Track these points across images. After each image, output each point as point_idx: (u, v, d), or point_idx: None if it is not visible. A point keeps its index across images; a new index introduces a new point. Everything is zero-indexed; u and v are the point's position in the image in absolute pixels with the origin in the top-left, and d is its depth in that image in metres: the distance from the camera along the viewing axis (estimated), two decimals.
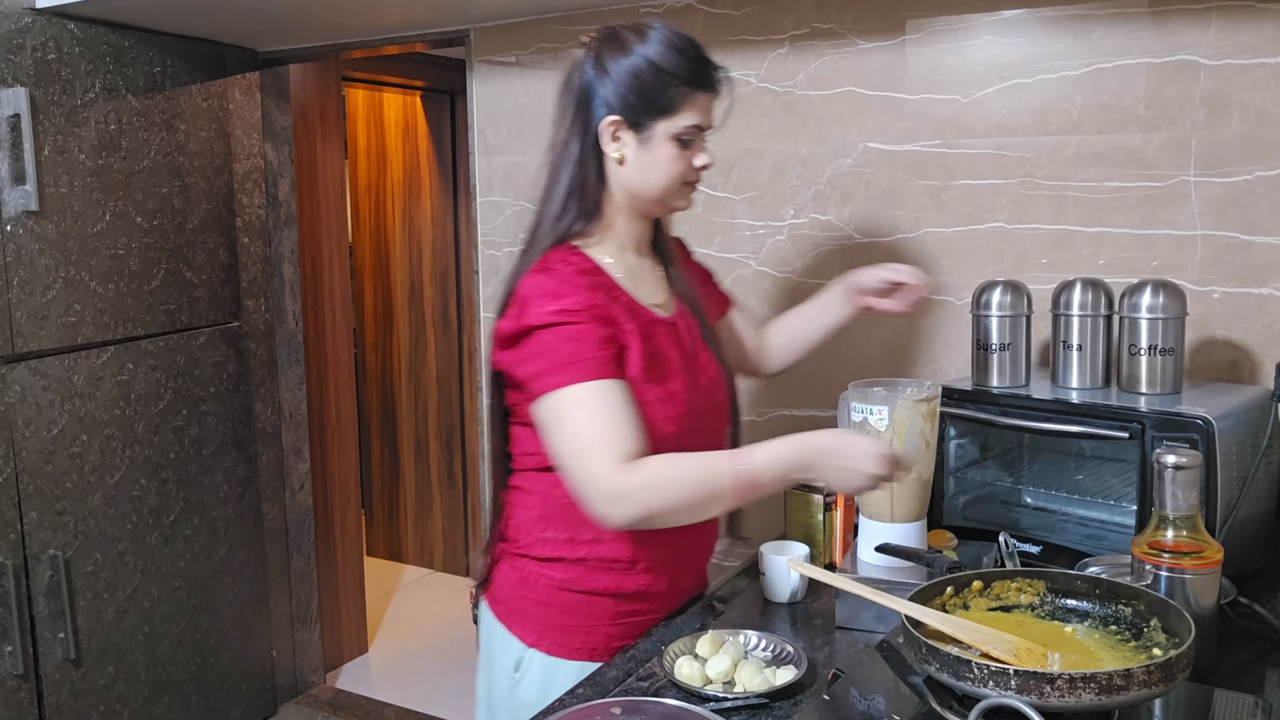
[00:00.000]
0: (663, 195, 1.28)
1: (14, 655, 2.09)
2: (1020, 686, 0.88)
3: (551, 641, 1.30)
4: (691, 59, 1.24)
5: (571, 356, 1.16)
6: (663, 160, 1.25)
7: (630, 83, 1.22)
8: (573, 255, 1.25)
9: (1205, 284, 1.62)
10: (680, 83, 1.23)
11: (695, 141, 1.26)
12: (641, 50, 1.22)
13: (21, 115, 2.05)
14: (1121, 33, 1.65)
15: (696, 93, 1.24)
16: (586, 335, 1.17)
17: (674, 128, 1.24)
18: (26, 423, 2.12)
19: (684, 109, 1.24)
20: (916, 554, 1.30)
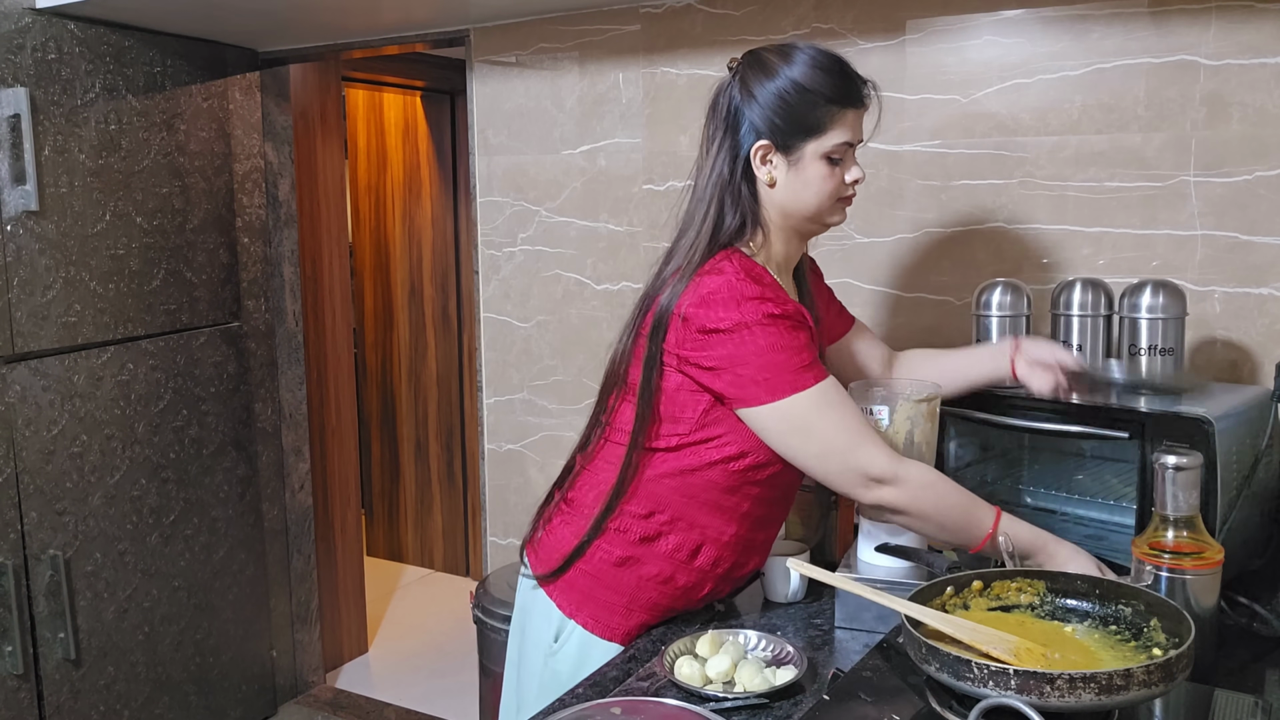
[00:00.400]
0: (816, 213, 1.28)
1: (14, 655, 2.09)
2: (1020, 686, 0.88)
3: (589, 615, 1.31)
4: (836, 76, 1.24)
5: (800, 361, 1.19)
6: (814, 179, 1.25)
7: (776, 105, 1.23)
8: (741, 259, 1.23)
9: (1205, 284, 1.62)
10: (826, 101, 1.23)
11: (846, 158, 1.27)
12: (786, 72, 1.23)
13: (22, 115, 2.05)
14: (1121, 33, 1.65)
15: (844, 110, 1.24)
16: (797, 339, 1.19)
17: (823, 147, 1.24)
18: (27, 423, 2.12)
19: (832, 127, 1.24)
20: (917, 554, 1.30)
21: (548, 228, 2.28)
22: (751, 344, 1.18)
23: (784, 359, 1.18)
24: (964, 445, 1.61)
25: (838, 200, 1.28)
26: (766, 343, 1.18)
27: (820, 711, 1.04)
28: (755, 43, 1.95)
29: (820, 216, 1.29)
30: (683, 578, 1.31)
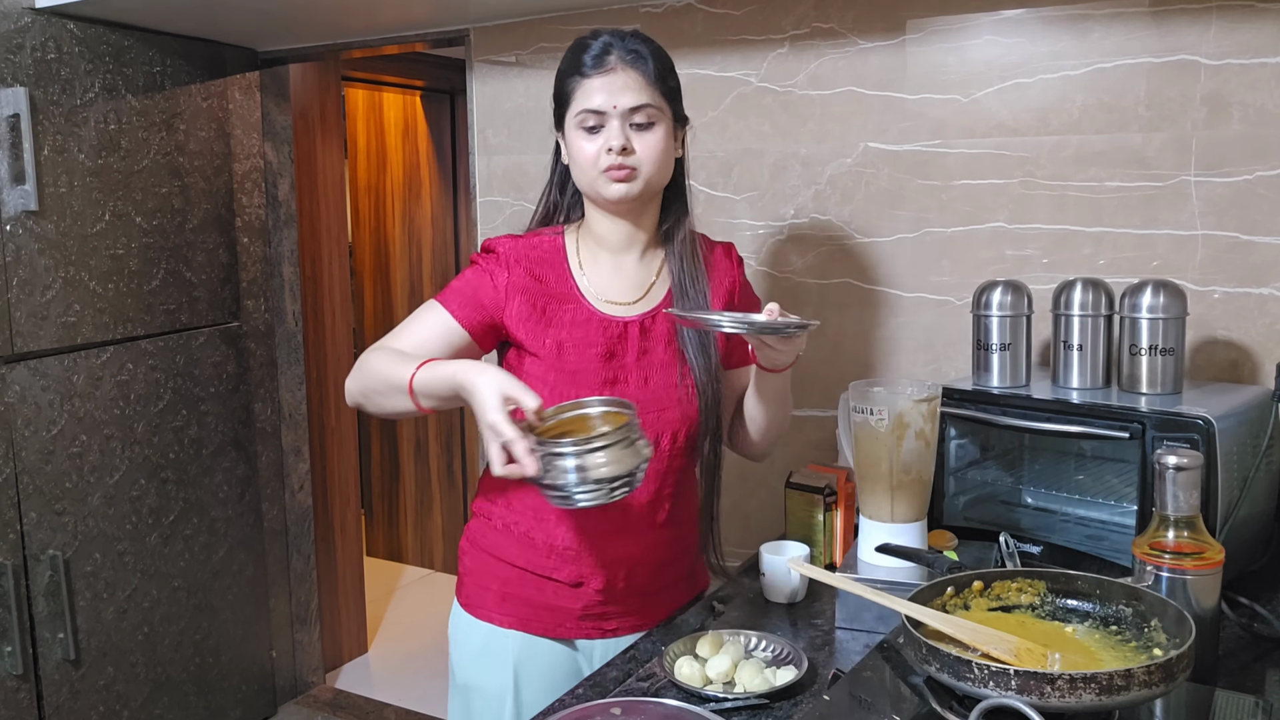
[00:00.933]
0: (588, 185, 1.31)
1: (13, 655, 2.09)
2: (1021, 687, 0.88)
3: (465, 598, 1.43)
4: (574, 50, 1.31)
5: (457, 289, 1.33)
6: (575, 151, 1.31)
7: (554, 96, 1.34)
8: (548, 232, 1.38)
9: (1206, 284, 1.62)
10: (566, 75, 1.31)
11: (605, 128, 1.27)
12: (562, 60, 1.33)
13: (21, 115, 2.04)
14: (1122, 32, 1.65)
15: (580, 79, 1.28)
16: (466, 279, 1.34)
17: (571, 118, 1.30)
18: (26, 423, 2.12)
19: (574, 96, 1.29)
20: (917, 554, 1.29)
21: None
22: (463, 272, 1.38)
23: (458, 283, 1.35)
24: (964, 445, 1.61)
25: (601, 172, 1.28)
26: (468, 271, 1.36)
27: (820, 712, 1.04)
28: (756, 43, 1.96)
29: (593, 189, 1.31)
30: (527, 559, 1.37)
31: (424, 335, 1.31)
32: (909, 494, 1.31)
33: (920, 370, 1.86)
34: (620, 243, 1.37)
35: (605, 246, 1.37)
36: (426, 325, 1.32)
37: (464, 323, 1.31)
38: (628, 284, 1.37)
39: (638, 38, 1.31)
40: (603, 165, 1.27)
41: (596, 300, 1.35)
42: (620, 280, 1.37)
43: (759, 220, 2.00)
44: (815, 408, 1.98)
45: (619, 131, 1.27)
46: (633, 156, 1.27)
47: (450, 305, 1.32)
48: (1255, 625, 1.25)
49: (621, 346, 1.33)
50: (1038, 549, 1.46)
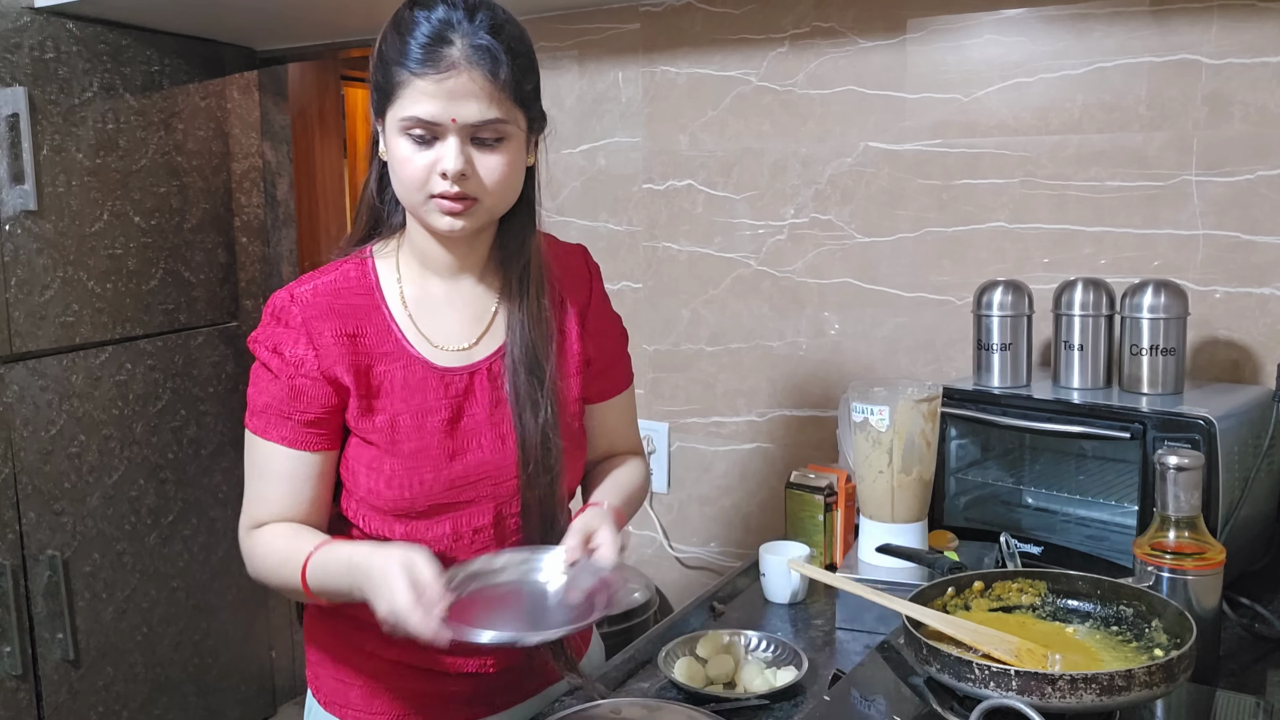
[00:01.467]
0: (411, 205, 1.02)
1: (13, 656, 2.08)
2: (1021, 687, 0.88)
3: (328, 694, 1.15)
4: (402, 24, 0.97)
5: (264, 407, 1.05)
6: (397, 161, 1.00)
7: (373, 64, 1.01)
8: (353, 268, 1.08)
9: (1207, 284, 1.61)
10: (388, 61, 0.98)
11: (440, 142, 0.98)
12: (387, 29, 1.00)
13: (20, 115, 2.04)
14: (1123, 32, 1.64)
15: (410, 77, 0.96)
16: (283, 399, 1.03)
17: (395, 119, 0.98)
18: (25, 423, 2.12)
19: (400, 94, 0.97)
20: (918, 554, 1.29)
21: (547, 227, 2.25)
22: (258, 374, 1.07)
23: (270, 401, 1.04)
24: (964, 445, 1.61)
25: (429, 197, 0.99)
26: (265, 379, 1.05)
27: (821, 712, 1.04)
28: (756, 41, 1.95)
29: (415, 212, 1.03)
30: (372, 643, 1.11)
31: (281, 490, 1.05)
32: (909, 494, 1.31)
33: (921, 370, 1.86)
34: (452, 266, 1.09)
35: (434, 269, 1.09)
36: (290, 473, 1.04)
37: (311, 444, 1.04)
38: (467, 317, 1.10)
39: (486, 17, 0.97)
40: (433, 189, 0.99)
41: (429, 350, 1.07)
42: (455, 315, 1.09)
43: (759, 220, 2.00)
44: (815, 408, 1.98)
45: (456, 153, 0.97)
46: (471, 182, 0.99)
47: (274, 433, 1.04)
48: (1256, 626, 1.25)
49: (469, 403, 1.07)
50: (1038, 549, 1.45)
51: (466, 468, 1.07)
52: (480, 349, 1.10)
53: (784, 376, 2.01)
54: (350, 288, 1.07)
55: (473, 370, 1.08)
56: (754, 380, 2.03)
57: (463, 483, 1.07)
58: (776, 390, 2.01)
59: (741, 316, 2.04)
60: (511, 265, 1.11)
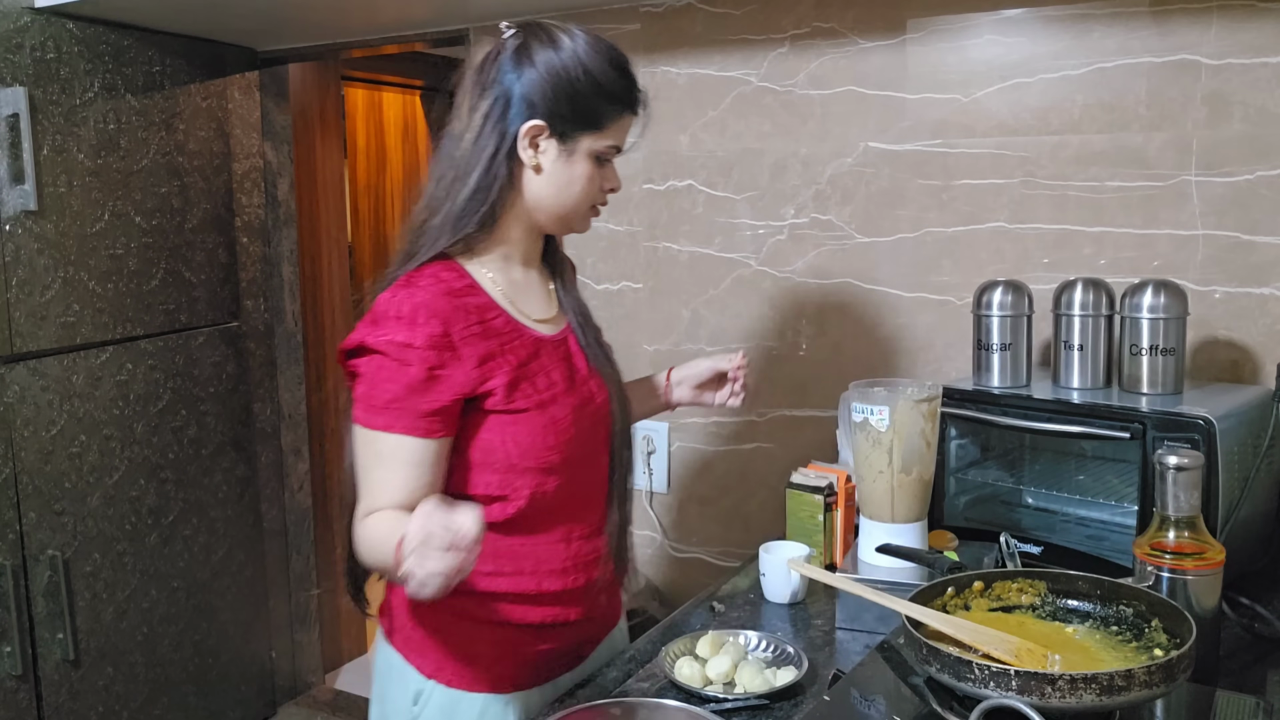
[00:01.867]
0: (570, 213, 1.20)
1: (13, 656, 2.08)
2: (1021, 687, 0.88)
3: (451, 673, 1.20)
4: (625, 76, 1.17)
5: (388, 401, 1.09)
6: (579, 177, 1.17)
7: (562, 88, 1.13)
8: (446, 272, 1.15)
9: (1206, 284, 1.61)
10: (611, 99, 1.16)
11: (609, 164, 1.20)
12: (576, 53, 1.13)
13: (20, 115, 2.04)
14: (1122, 32, 1.64)
15: (624, 113, 1.18)
16: (414, 383, 1.09)
17: (597, 145, 1.17)
18: (25, 423, 2.12)
19: (610, 127, 1.17)
20: (918, 554, 1.29)
21: None
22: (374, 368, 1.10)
23: (393, 392, 1.09)
24: (964, 445, 1.61)
25: (591, 207, 1.22)
26: (385, 372, 1.09)
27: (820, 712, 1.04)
28: (756, 42, 1.96)
29: (571, 219, 1.21)
30: (534, 615, 1.20)
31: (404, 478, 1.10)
32: (909, 494, 1.31)
33: (921, 370, 1.86)
34: (533, 258, 1.27)
35: (518, 261, 1.24)
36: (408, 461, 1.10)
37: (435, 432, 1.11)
38: (543, 296, 1.27)
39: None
40: (597, 200, 1.21)
41: (531, 324, 1.22)
42: (535, 295, 1.26)
43: (759, 220, 2.00)
44: (815, 408, 1.98)
45: (616, 173, 1.22)
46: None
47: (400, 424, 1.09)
48: (1256, 626, 1.25)
49: (573, 363, 1.24)
50: (1038, 549, 1.46)
51: (592, 414, 1.23)
52: (559, 322, 1.27)
53: (784, 376, 2.01)
54: (454, 286, 1.15)
55: (562, 338, 1.25)
56: (754, 380, 2.03)
57: (590, 427, 1.22)
58: (776, 390, 2.01)
59: (741, 316, 2.04)
60: (558, 255, 1.32)
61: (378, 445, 1.11)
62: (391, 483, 1.10)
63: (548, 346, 1.21)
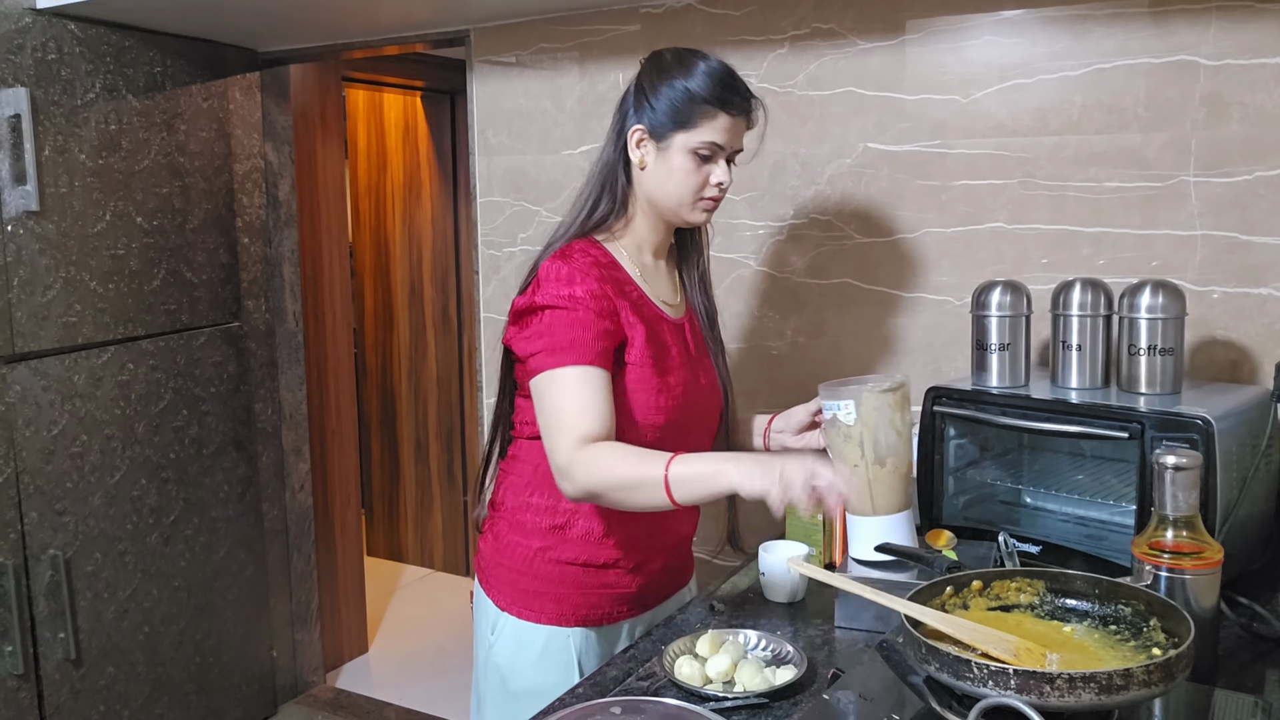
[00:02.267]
0: (677, 206, 1.35)
1: (14, 655, 2.09)
2: (1020, 686, 0.88)
3: (522, 606, 1.38)
4: (717, 81, 1.31)
5: (569, 341, 1.26)
6: (676, 170, 1.32)
7: (658, 96, 1.32)
8: (593, 248, 1.35)
9: (1205, 284, 1.62)
10: (702, 100, 1.30)
11: (715, 160, 1.33)
12: (678, 72, 1.32)
13: (22, 115, 2.05)
14: (1121, 33, 1.65)
15: (718, 112, 1.31)
16: (586, 323, 1.26)
17: (691, 141, 1.31)
18: (27, 423, 2.12)
19: (702, 124, 1.31)
20: (915, 554, 1.30)
21: (548, 228, 2.27)
22: (548, 321, 1.27)
23: (571, 336, 1.26)
24: (963, 445, 1.61)
25: (699, 199, 1.34)
26: (559, 321, 1.27)
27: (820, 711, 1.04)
28: (755, 43, 1.96)
29: (680, 211, 1.36)
30: (601, 554, 1.38)
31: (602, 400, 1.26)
32: (887, 486, 1.31)
33: (920, 370, 1.86)
34: (663, 248, 1.44)
35: (650, 250, 1.42)
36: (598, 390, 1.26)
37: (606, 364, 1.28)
38: (667, 283, 1.44)
39: (749, 90, 1.35)
40: (706, 194, 1.34)
41: (660, 305, 1.39)
42: (664, 281, 1.43)
43: (759, 220, 2.00)
44: None
45: (726, 168, 1.34)
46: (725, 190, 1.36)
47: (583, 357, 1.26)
48: (1254, 625, 1.25)
49: (691, 345, 1.41)
50: (1037, 549, 1.46)
51: (699, 391, 1.40)
52: (681, 309, 1.44)
53: (784, 376, 2.01)
54: (600, 260, 1.34)
55: (682, 323, 1.42)
56: (754, 380, 2.04)
57: (696, 401, 1.39)
58: (776, 390, 2.02)
59: (741, 316, 2.04)
60: (692, 250, 1.47)
61: (566, 380, 1.25)
62: (588, 409, 1.24)
63: (670, 325, 1.39)
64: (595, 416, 1.24)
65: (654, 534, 1.42)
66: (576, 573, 1.38)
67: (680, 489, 1.19)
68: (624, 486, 1.22)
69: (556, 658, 1.38)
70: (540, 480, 1.37)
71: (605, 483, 1.22)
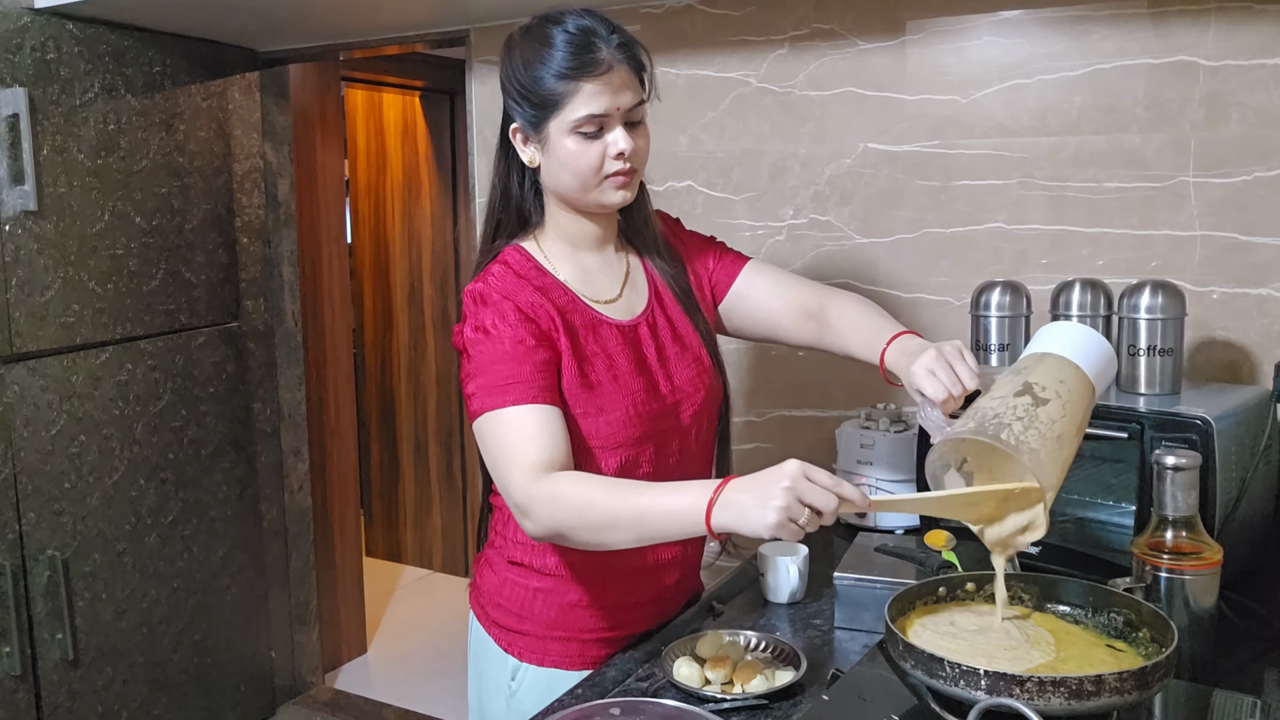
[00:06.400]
0: (581, 192, 1.20)
1: (12, 656, 2.09)
2: (990, 687, 0.87)
3: (540, 654, 1.28)
4: (564, 50, 1.14)
5: (500, 378, 1.13)
6: (566, 158, 1.17)
7: (518, 89, 1.18)
8: (515, 254, 1.24)
9: (1204, 284, 1.62)
10: (554, 78, 1.14)
11: (606, 130, 1.16)
12: (518, 50, 1.18)
13: (20, 115, 2.04)
14: (1121, 33, 1.65)
15: (578, 84, 1.14)
16: (520, 356, 1.14)
17: (564, 123, 1.15)
18: (25, 423, 2.12)
19: (569, 101, 1.14)
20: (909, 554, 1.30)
21: None
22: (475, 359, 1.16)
23: (500, 373, 1.14)
24: None
25: (604, 178, 1.18)
26: (485, 358, 1.15)
27: (819, 712, 1.04)
28: (755, 43, 1.96)
29: (589, 196, 1.20)
30: (608, 595, 1.27)
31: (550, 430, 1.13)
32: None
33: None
34: (601, 240, 1.28)
35: (584, 247, 1.28)
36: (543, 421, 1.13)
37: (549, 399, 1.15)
38: (612, 280, 1.29)
39: (609, 22, 1.17)
40: (608, 171, 1.18)
41: (602, 309, 1.25)
42: (609, 280, 1.29)
43: (758, 221, 2.00)
44: (814, 408, 1.98)
45: (625, 136, 1.16)
46: (633, 157, 1.18)
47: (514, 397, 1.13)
48: (1254, 625, 1.25)
49: (644, 350, 1.26)
50: (1036, 549, 1.46)
51: (661, 395, 1.24)
52: (636, 307, 1.28)
53: (783, 376, 2.01)
54: (524, 271, 1.22)
55: (636, 324, 1.27)
56: (753, 380, 2.04)
57: (659, 408, 1.24)
58: (775, 390, 2.02)
59: None
60: (641, 229, 1.32)
61: (509, 419, 1.13)
62: (536, 436, 1.11)
63: (615, 330, 1.24)
64: (547, 443, 1.11)
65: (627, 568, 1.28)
66: (577, 613, 1.27)
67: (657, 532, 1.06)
68: (592, 525, 1.07)
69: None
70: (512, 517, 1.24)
71: (569, 520, 1.07)
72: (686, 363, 1.29)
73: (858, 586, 1.30)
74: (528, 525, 1.11)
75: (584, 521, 1.07)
